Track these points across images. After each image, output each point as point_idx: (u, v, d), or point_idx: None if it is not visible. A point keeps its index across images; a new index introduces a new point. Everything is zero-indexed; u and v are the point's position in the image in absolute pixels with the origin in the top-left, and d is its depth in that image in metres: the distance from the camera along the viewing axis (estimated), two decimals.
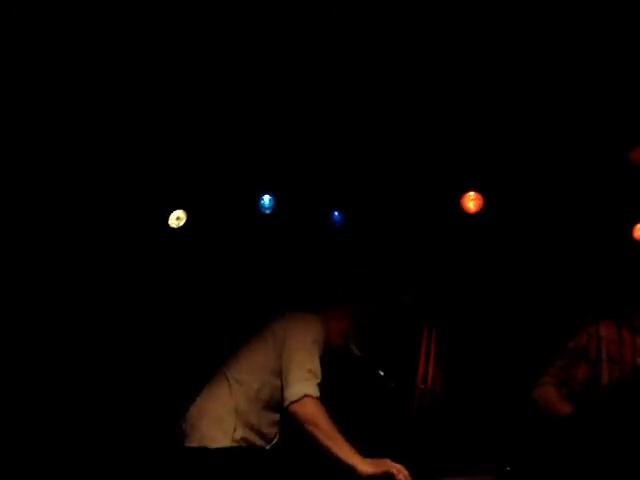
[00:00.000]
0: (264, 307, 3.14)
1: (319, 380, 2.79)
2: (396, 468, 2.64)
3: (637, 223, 4.37)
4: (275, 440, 2.97)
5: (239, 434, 2.82)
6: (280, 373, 2.83)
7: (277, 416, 2.93)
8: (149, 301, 4.81)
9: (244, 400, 2.87)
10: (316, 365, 2.82)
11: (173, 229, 4.72)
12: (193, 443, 2.83)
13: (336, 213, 4.81)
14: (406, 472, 2.65)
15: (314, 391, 2.74)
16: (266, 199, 4.69)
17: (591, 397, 3.10)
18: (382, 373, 3.25)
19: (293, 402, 2.72)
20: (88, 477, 4.19)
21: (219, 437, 2.80)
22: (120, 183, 4.44)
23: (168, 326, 4.84)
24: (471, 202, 4.47)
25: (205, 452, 2.77)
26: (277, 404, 2.86)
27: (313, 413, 2.69)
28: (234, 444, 2.80)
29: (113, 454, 4.35)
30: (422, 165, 4.40)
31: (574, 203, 4.37)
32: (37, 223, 4.27)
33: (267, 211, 4.70)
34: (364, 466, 2.62)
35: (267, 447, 2.94)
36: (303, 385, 2.74)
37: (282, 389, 2.80)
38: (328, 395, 2.82)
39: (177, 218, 4.74)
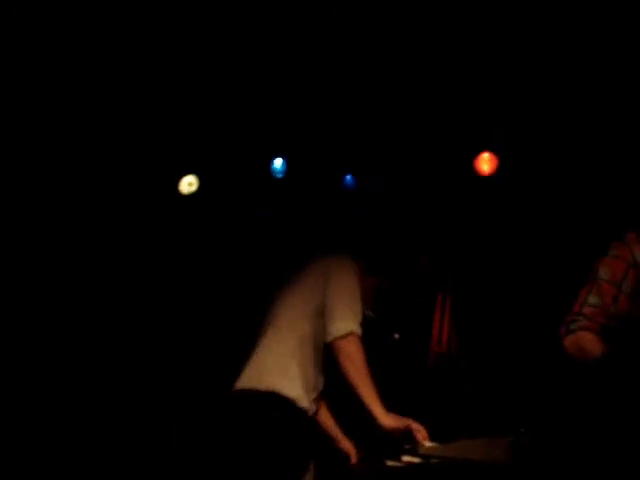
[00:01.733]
0: (285, 269, 3.09)
1: (361, 320, 2.80)
2: (416, 427, 2.66)
3: None
4: (320, 388, 2.93)
5: (301, 380, 2.80)
6: (323, 313, 2.81)
7: (322, 359, 2.88)
8: (165, 267, 4.82)
9: (298, 345, 2.84)
10: (359, 306, 2.83)
11: (184, 195, 4.71)
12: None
13: (349, 177, 4.77)
14: (425, 433, 2.66)
15: (358, 329, 2.76)
16: (278, 163, 4.66)
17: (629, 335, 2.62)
18: (397, 336, 3.25)
19: (338, 338, 2.73)
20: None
21: (288, 384, 2.77)
22: (131, 149, 4.43)
23: (182, 295, 4.85)
24: (485, 164, 4.42)
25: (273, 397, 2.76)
26: (322, 345, 2.83)
27: (355, 351, 2.71)
28: (301, 391, 2.78)
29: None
30: (435, 128, 4.35)
31: (592, 163, 4.29)
32: (45, 183, 4.29)
33: (279, 175, 4.67)
34: (385, 419, 2.65)
35: (314, 397, 2.89)
36: (348, 323, 2.75)
37: (326, 327, 2.78)
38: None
39: (189, 184, 4.72)
